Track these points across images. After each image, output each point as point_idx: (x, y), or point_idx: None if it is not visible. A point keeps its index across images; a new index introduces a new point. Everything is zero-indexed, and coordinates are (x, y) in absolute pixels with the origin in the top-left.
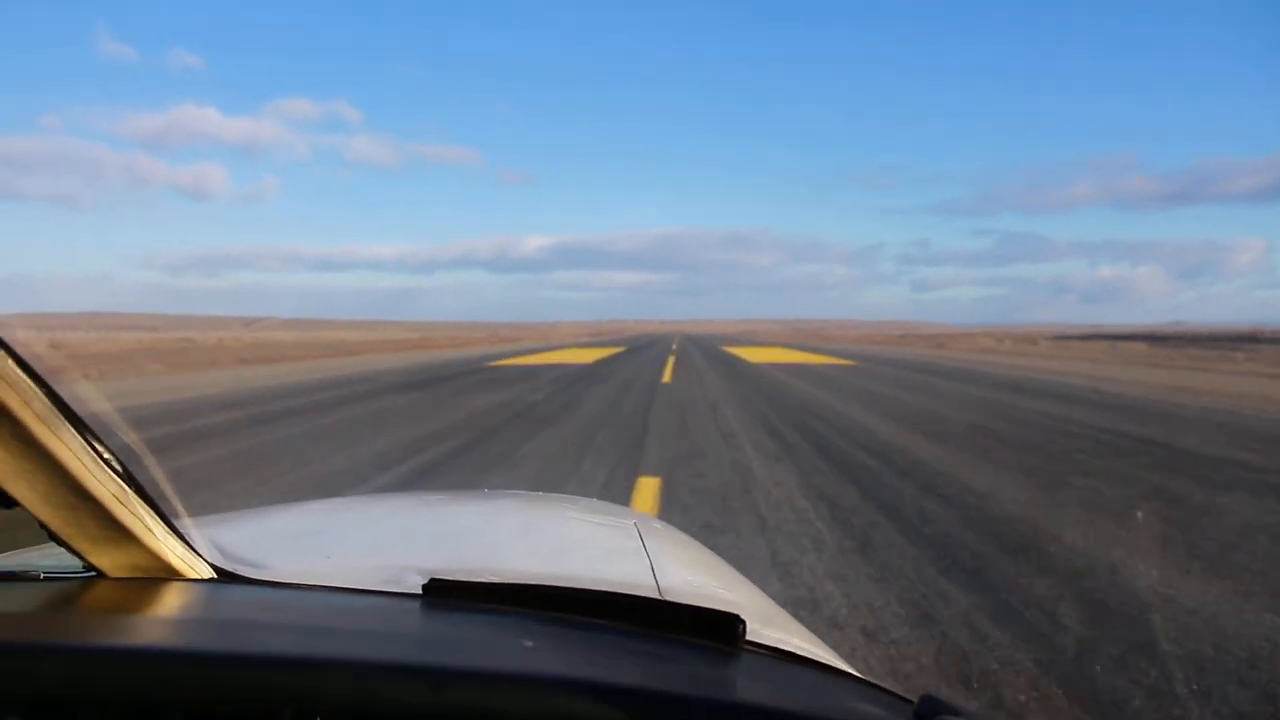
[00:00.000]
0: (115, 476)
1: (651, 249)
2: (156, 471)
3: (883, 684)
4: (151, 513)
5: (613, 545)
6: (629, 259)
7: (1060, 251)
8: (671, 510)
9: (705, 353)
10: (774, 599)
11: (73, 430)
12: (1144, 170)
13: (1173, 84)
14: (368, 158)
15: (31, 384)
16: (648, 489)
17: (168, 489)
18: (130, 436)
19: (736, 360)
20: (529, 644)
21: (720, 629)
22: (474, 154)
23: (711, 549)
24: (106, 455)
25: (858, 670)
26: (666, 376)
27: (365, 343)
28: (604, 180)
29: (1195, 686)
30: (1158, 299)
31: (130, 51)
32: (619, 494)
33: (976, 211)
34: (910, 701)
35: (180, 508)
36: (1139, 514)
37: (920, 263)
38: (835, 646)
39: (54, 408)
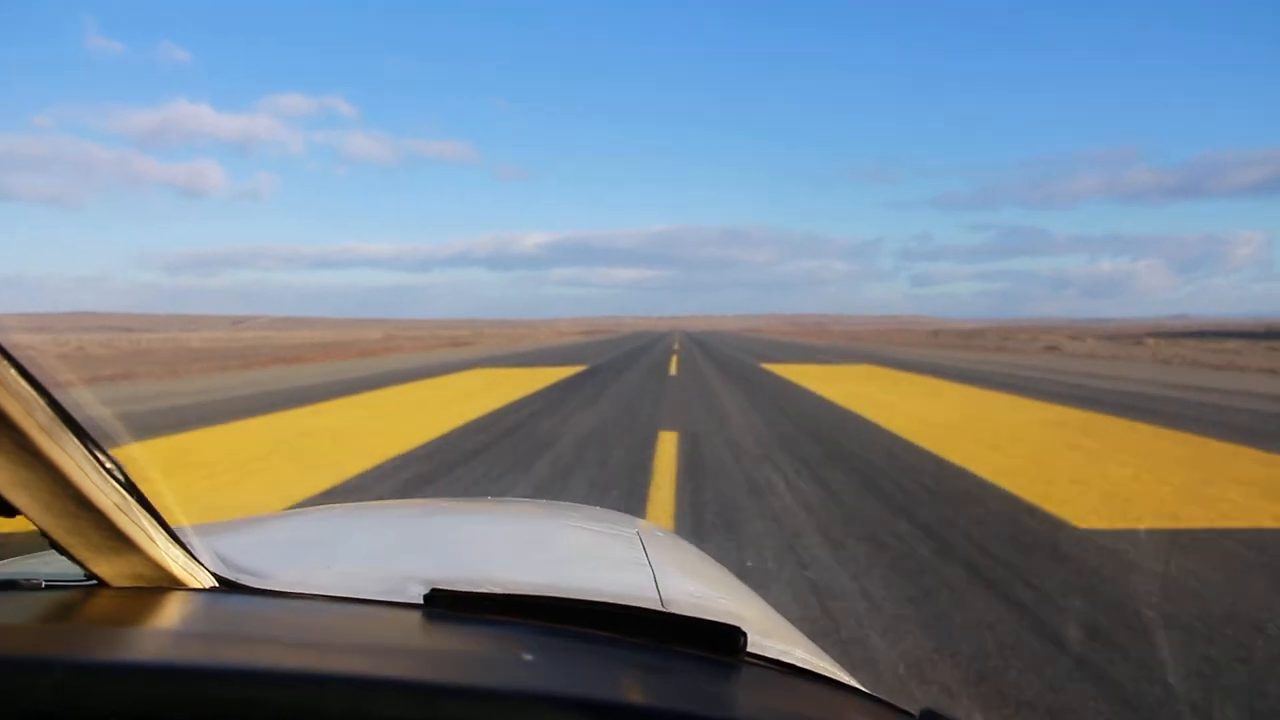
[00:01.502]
0: (117, 485)
1: (650, 245)
2: (159, 480)
3: (884, 698)
4: (153, 521)
5: (616, 555)
6: (628, 255)
7: (1061, 246)
8: None
9: (732, 379)
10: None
11: (75, 439)
12: (1147, 163)
13: (1176, 77)
14: (364, 154)
15: (34, 393)
16: None
17: (170, 497)
18: (133, 444)
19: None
20: (528, 658)
21: (722, 641)
22: (470, 150)
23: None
24: (109, 465)
25: (860, 684)
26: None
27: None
28: (602, 177)
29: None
30: (1158, 293)
31: (118, 46)
32: None
33: (977, 205)
34: (912, 715)
35: (182, 516)
36: None
37: (920, 258)
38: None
39: (56, 417)
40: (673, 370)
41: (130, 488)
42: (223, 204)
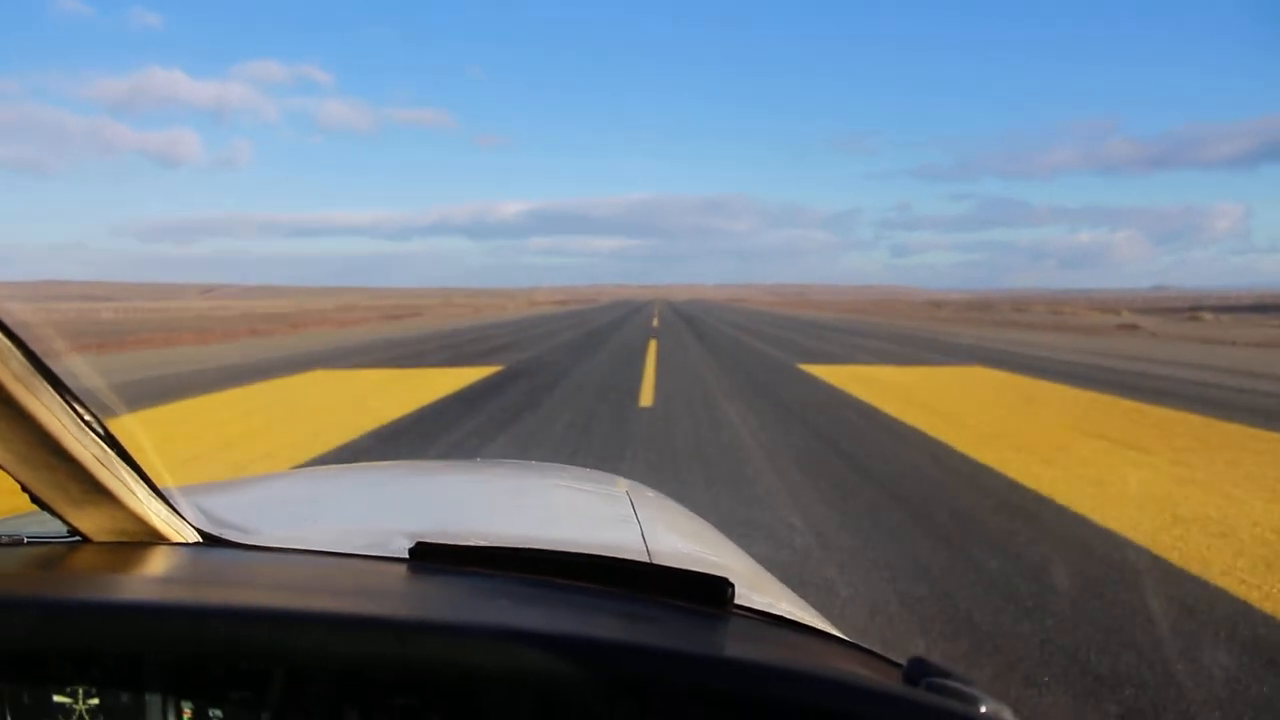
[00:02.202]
0: (96, 438)
1: (630, 215)
2: (141, 434)
3: (872, 648)
4: (134, 475)
5: (603, 512)
6: (608, 225)
7: (1040, 216)
8: None
9: (785, 430)
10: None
11: (51, 390)
12: (1125, 134)
13: (1155, 48)
14: (341, 122)
15: (8, 342)
16: None
17: (152, 452)
18: (113, 399)
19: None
20: (505, 602)
21: (709, 593)
22: (448, 117)
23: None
24: (87, 417)
25: (847, 635)
26: None
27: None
28: (581, 146)
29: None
30: (1136, 264)
31: (87, 9)
32: None
33: (956, 176)
34: (899, 664)
35: (165, 472)
36: None
37: (899, 227)
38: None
39: (31, 367)
40: (646, 397)
41: (110, 440)
42: (199, 171)
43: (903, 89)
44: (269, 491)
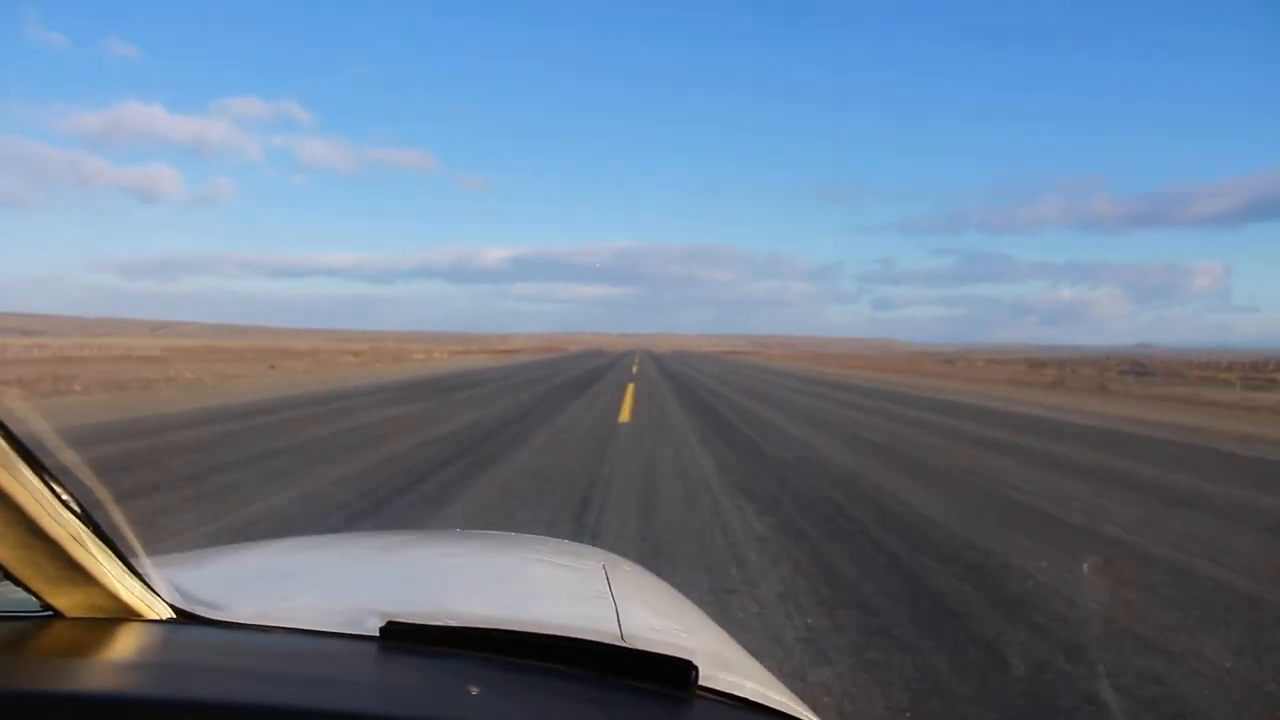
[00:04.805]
0: (73, 517)
1: (613, 262)
2: (115, 511)
3: None
4: (109, 553)
5: (577, 589)
6: (590, 272)
7: (1023, 272)
8: None
9: None
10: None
11: (29, 470)
12: (1110, 191)
13: (1143, 106)
14: (322, 161)
15: None
16: None
17: (126, 529)
18: (89, 477)
19: None
20: (474, 690)
21: (673, 675)
22: (430, 159)
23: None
24: (64, 496)
25: (813, 715)
26: None
27: None
28: (564, 192)
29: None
30: (1117, 321)
31: (60, 39)
32: None
33: (940, 229)
34: None
35: (139, 547)
36: None
37: (883, 281)
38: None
39: (9, 447)
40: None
41: (86, 518)
42: (180, 209)
43: (887, 143)
44: (242, 565)
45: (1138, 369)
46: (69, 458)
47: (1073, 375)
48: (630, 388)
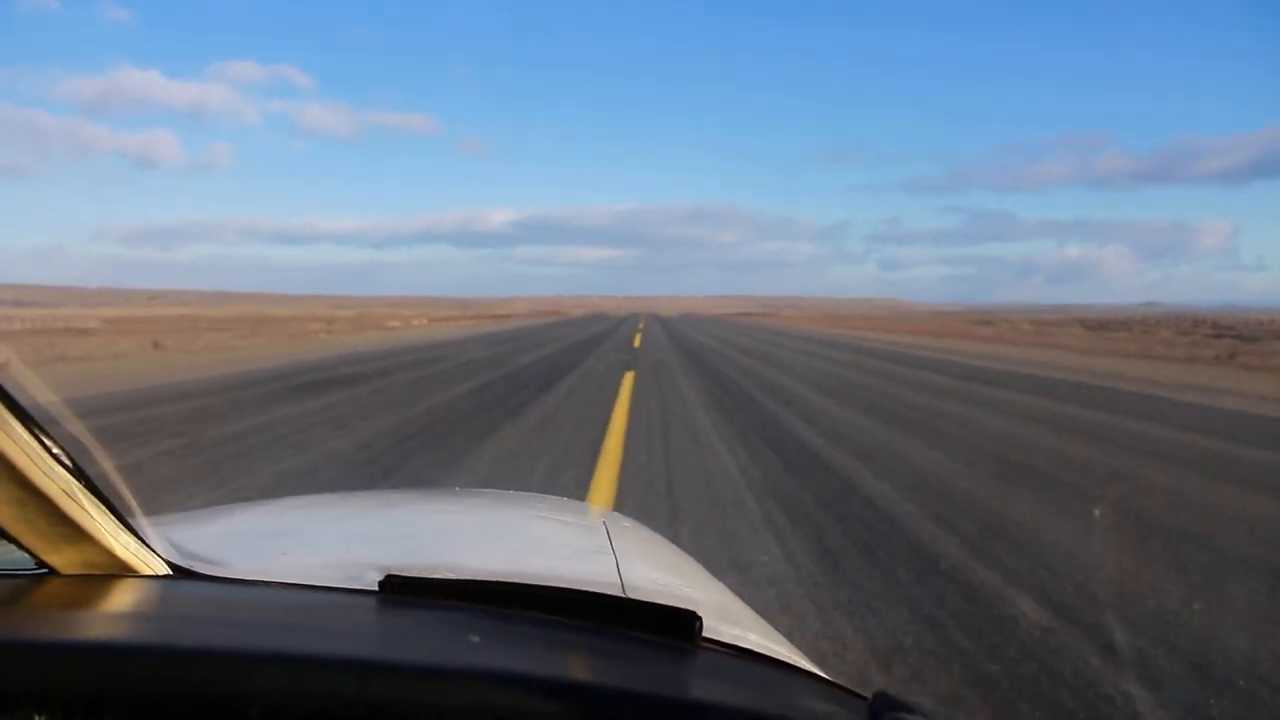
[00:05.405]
0: (64, 471)
1: (617, 224)
2: (108, 466)
3: (838, 681)
4: (103, 508)
5: (578, 544)
6: (594, 234)
7: (1029, 231)
8: None
9: None
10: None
11: (18, 423)
12: (1117, 148)
13: (1150, 61)
14: (323, 126)
15: None
16: None
17: (120, 484)
18: (80, 430)
19: None
20: (475, 639)
21: (677, 626)
22: (432, 122)
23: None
24: (55, 449)
25: (814, 667)
26: None
27: None
28: (567, 154)
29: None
30: (1124, 279)
31: (54, 2)
32: None
33: (946, 189)
34: (864, 698)
35: (134, 504)
36: None
37: (889, 241)
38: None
39: None
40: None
41: (78, 473)
42: (179, 175)
43: (893, 101)
44: (240, 523)
45: (1221, 331)
46: (62, 412)
47: (1152, 338)
48: (628, 388)
